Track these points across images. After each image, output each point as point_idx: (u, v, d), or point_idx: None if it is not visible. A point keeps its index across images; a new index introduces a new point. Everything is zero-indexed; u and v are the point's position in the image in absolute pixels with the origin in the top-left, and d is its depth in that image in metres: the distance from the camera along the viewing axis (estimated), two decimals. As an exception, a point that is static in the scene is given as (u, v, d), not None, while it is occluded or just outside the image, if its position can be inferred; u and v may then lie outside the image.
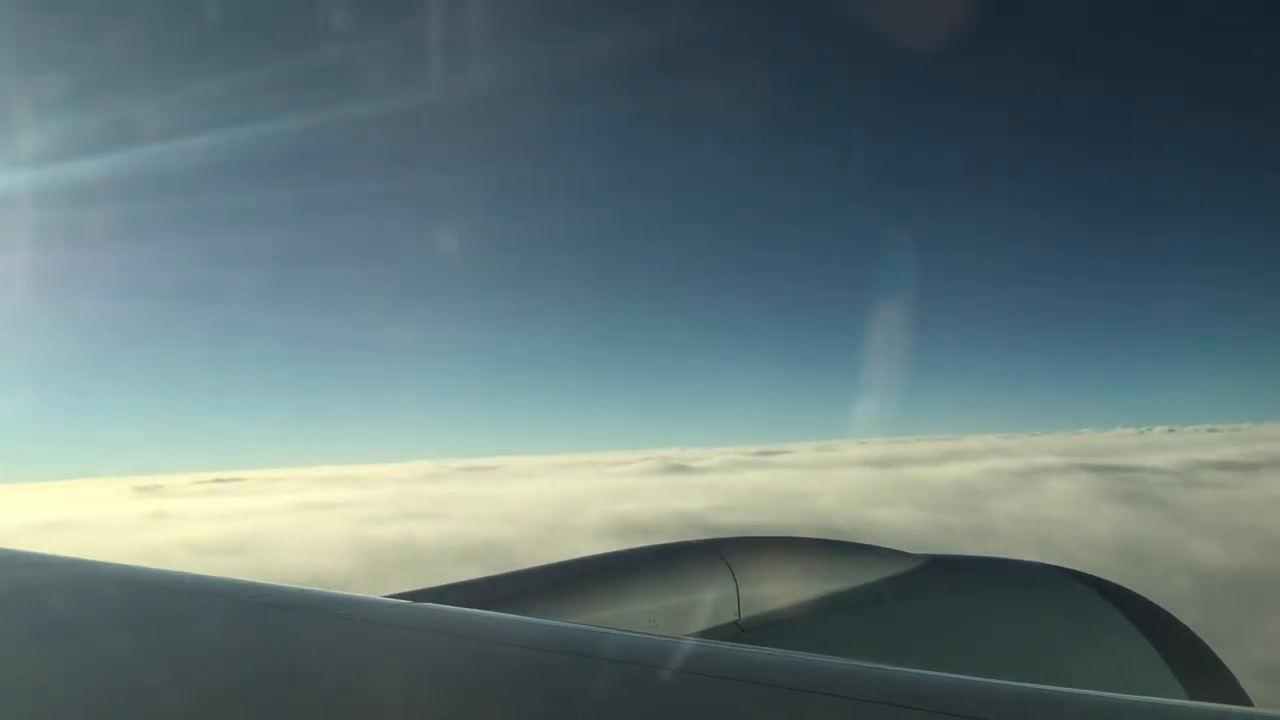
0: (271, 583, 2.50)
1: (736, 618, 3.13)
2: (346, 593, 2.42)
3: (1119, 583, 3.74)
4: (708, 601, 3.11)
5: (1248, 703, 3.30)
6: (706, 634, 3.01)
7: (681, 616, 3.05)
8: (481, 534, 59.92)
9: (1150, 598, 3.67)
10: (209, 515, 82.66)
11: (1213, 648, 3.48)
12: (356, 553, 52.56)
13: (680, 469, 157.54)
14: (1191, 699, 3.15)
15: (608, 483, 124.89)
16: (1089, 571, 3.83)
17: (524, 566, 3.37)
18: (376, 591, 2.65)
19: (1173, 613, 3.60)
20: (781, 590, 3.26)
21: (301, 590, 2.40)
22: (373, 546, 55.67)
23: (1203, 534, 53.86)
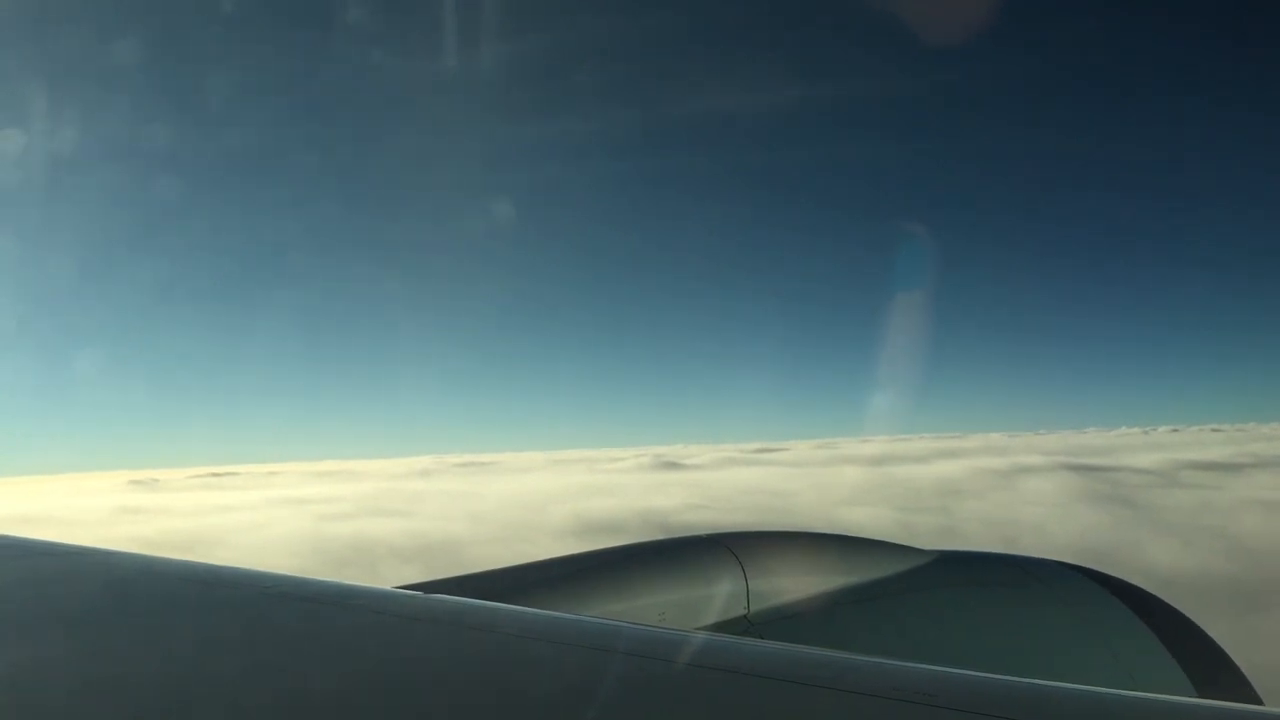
0: (288, 573, 2.53)
1: (746, 611, 3.13)
2: (360, 584, 2.40)
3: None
4: (717, 595, 3.11)
5: (1257, 700, 3.26)
6: (716, 627, 3.02)
7: (691, 610, 3.06)
8: (439, 532, 59.73)
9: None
10: (181, 511, 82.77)
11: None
12: (307, 551, 52.49)
13: (672, 465, 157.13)
14: (1199, 696, 3.10)
15: (593, 479, 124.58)
16: None
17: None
18: None
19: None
20: (790, 584, 3.26)
21: (317, 581, 2.43)
22: (324, 544, 55.63)
23: (1162, 536, 53.16)
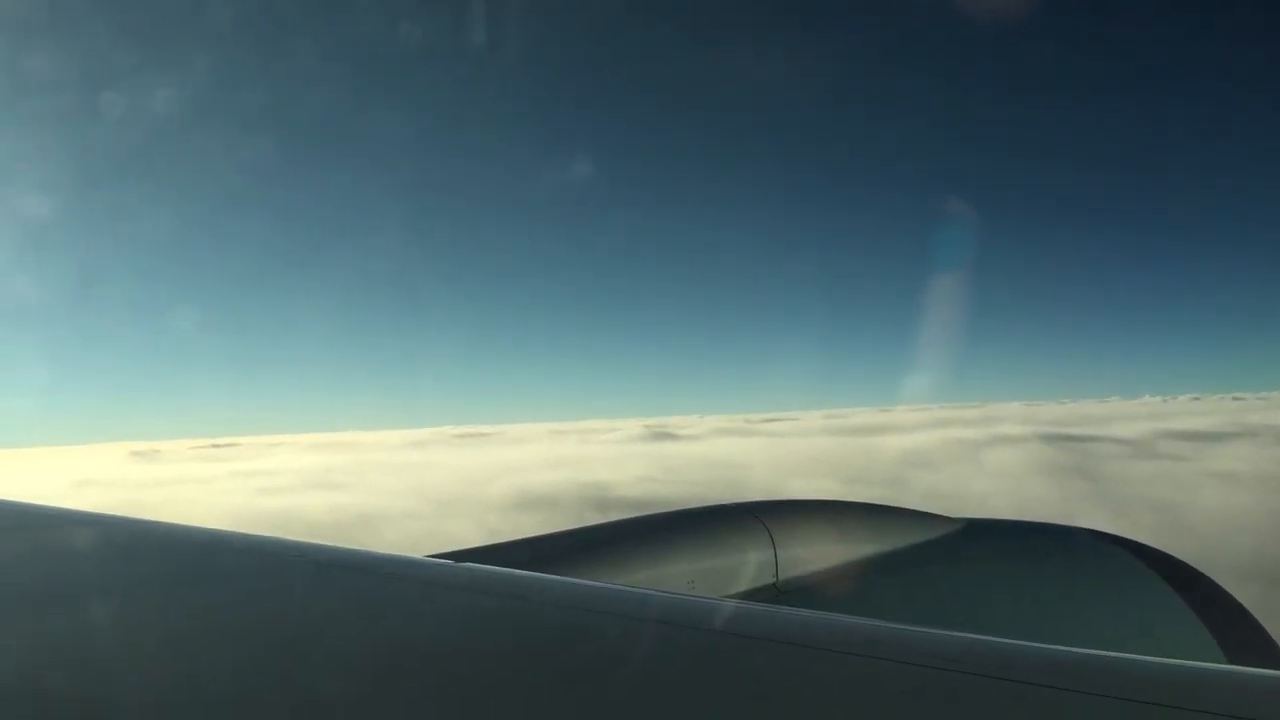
0: (320, 542, 2.49)
1: (774, 579, 3.14)
2: (392, 553, 2.35)
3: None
4: (746, 563, 3.12)
5: None
6: (745, 595, 3.02)
7: (720, 578, 3.06)
8: (369, 507, 59.23)
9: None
10: (139, 483, 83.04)
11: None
12: (225, 524, 51.90)
13: (664, 436, 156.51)
14: (1229, 661, 3.06)
15: (574, 451, 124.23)
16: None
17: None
18: None
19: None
20: (818, 552, 3.27)
21: (348, 550, 2.42)
22: (248, 518, 55.04)
23: (1098, 509, 51.38)
